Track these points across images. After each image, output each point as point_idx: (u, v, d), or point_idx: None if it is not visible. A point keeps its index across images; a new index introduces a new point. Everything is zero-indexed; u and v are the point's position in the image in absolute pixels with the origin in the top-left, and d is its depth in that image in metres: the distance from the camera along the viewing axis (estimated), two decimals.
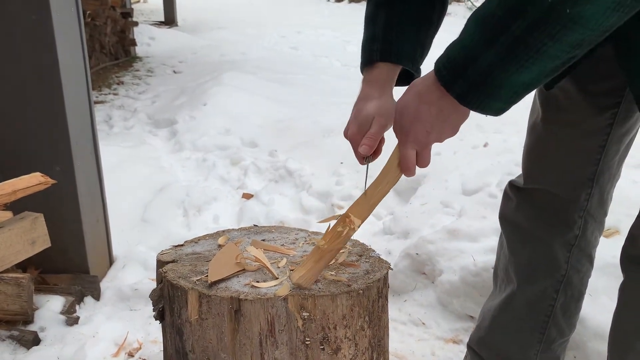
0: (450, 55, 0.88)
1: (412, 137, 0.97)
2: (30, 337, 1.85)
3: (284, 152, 3.62)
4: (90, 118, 2.20)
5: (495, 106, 0.87)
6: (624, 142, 1.28)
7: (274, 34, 9.55)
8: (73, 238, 2.17)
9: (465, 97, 0.88)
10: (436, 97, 0.91)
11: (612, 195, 1.37)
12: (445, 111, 0.92)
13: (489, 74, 0.83)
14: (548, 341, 1.41)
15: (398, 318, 2.08)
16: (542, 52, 0.79)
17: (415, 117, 0.95)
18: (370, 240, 2.62)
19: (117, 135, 4.25)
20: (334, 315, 1.10)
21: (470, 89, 0.86)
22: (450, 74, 0.87)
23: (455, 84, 0.87)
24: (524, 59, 0.80)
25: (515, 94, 0.85)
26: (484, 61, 0.83)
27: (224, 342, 1.11)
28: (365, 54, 1.21)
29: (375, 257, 1.29)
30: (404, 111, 0.97)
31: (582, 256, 1.38)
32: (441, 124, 0.94)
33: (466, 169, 2.95)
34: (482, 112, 0.89)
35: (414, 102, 0.95)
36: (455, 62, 0.87)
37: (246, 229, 1.49)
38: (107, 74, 6.39)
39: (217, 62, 6.77)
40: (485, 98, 0.86)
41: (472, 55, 0.84)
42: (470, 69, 0.84)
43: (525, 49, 0.79)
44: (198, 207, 2.99)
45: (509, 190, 1.44)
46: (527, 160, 1.38)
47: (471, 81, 0.85)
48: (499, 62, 0.82)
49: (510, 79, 0.83)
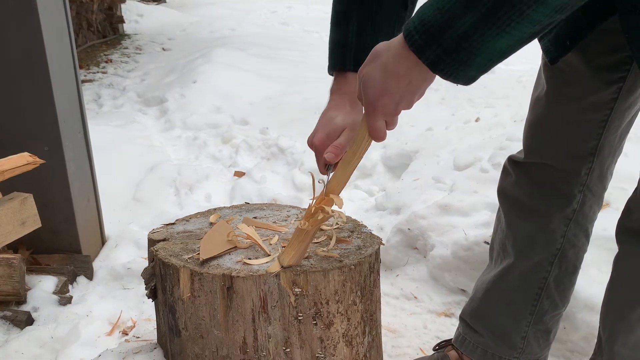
0: (424, 18, 0.81)
1: (381, 110, 0.92)
2: (23, 317, 1.85)
3: (275, 130, 3.60)
4: (78, 97, 2.18)
5: (468, 74, 0.83)
6: (626, 118, 1.27)
7: (264, 10, 9.42)
8: (64, 218, 2.16)
9: (438, 64, 0.82)
10: (406, 68, 0.86)
11: (613, 171, 1.37)
12: (414, 82, 0.87)
13: (466, 38, 0.78)
14: (540, 313, 1.43)
15: (390, 292, 2.09)
16: (525, 15, 0.75)
17: (382, 91, 0.90)
18: (363, 216, 2.63)
19: (107, 114, 4.21)
20: (326, 290, 1.10)
21: (445, 56, 0.80)
22: (424, 39, 0.81)
23: (428, 50, 0.81)
24: (506, 22, 0.76)
25: (490, 61, 0.81)
26: (462, 25, 0.77)
27: (217, 319, 1.11)
28: (337, 60, 1.17)
29: (367, 233, 1.30)
30: (368, 83, 0.91)
31: (579, 230, 1.39)
32: (411, 95, 0.90)
33: (458, 144, 2.95)
34: (454, 80, 0.84)
35: (380, 74, 0.89)
36: (429, 25, 0.80)
37: (238, 207, 1.48)
38: (95, 52, 6.30)
39: (207, 38, 6.68)
40: (459, 65, 0.81)
41: (448, 18, 0.78)
42: (446, 34, 0.79)
43: (507, 12, 0.75)
44: (190, 186, 2.98)
45: (508, 165, 1.44)
46: (530, 134, 1.37)
47: (446, 47, 0.80)
48: (479, 26, 0.77)
49: (487, 44, 0.78)
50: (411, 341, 1.83)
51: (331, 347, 1.14)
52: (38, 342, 1.77)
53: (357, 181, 3.09)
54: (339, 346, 1.15)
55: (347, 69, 1.15)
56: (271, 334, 1.11)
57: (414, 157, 3.04)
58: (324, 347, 1.13)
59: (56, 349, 1.75)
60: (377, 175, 3.14)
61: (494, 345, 1.47)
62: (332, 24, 1.19)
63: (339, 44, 1.17)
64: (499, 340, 1.46)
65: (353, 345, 1.18)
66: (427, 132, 3.25)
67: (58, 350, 1.75)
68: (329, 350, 1.14)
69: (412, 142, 3.16)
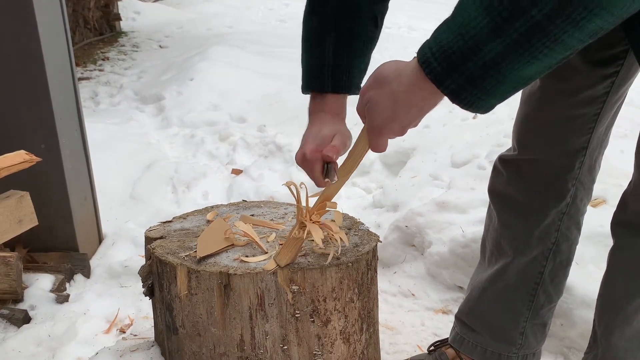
0: (444, 43, 0.74)
1: (387, 132, 0.89)
2: (20, 315, 1.85)
3: (273, 127, 3.59)
4: (74, 94, 2.17)
5: (489, 103, 0.77)
6: (615, 110, 1.29)
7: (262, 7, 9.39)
8: (61, 216, 2.16)
9: (459, 94, 0.75)
10: (419, 98, 0.81)
11: (600, 163, 1.38)
12: (426, 108, 0.83)
13: (493, 67, 0.72)
14: (536, 308, 1.43)
15: (388, 290, 2.09)
16: (559, 41, 0.69)
17: (391, 119, 0.85)
18: (360, 213, 2.63)
19: (104, 112, 4.20)
20: (323, 288, 1.10)
21: (467, 85, 0.74)
22: (443, 67, 0.74)
23: (448, 79, 0.75)
24: (539, 49, 0.70)
25: (514, 89, 0.76)
26: (489, 52, 0.71)
27: (214, 316, 1.11)
28: (314, 82, 1.15)
29: (364, 230, 1.30)
30: (376, 109, 0.86)
31: (572, 224, 1.39)
32: (419, 118, 0.87)
33: (455, 141, 2.95)
34: (473, 110, 0.78)
35: (389, 102, 0.84)
36: (450, 52, 0.73)
37: (235, 205, 1.48)
38: (92, 50, 6.28)
39: (204, 36, 6.66)
40: (482, 95, 0.75)
41: (474, 45, 0.71)
42: (470, 62, 0.72)
43: (541, 38, 0.69)
44: (187, 184, 2.98)
45: (498, 165, 1.44)
46: (523, 130, 1.37)
47: (469, 75, 0.73)
48: (508, 53, 0.70)
49: (515, 73, 0.72)
50: (409, 338, 1.84)
51: (329, 344, 1.14)
52: (35, 341, 1.76)
53: (355, 179, 3.08)
54: (337, 343, 1.15)
55: (325, 91, 1.14)
56: (268, 332, 1.11)
57: (411, 155, 3.04)
58: (321, 345, 1.14)
59: (53, 347, 1.75)
60: (374, 173, 3.13)
61: (493, 343, 1.47)
62: (305, 47, 1.18)
63: (315, 66, 1.15)
64: (498, 338, 1.47)
65: (350, 342, 1.18)
66: (424, 129, 3.24)
67: (55, 348, 1.75)
68: (326, 347, 1.14)
69: (409, 139, 3.15)
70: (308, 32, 1.18)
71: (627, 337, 1.28)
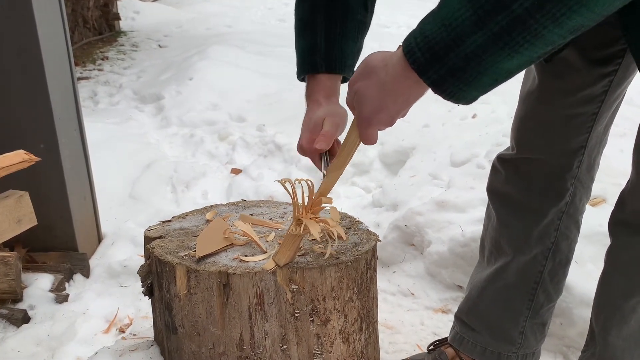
0: (428, 34, 0.75)
1: (376, 123, 0.91)
2: (19, 315, 1.85)
3: (272, 127, 3.59)
4: (73, 94, 2.17)
5: (471, 94, 0.78)
6: (613, 109, 1.29)
7: (261, 6, 9.38)
8: (60, 216, 2.16)
9: (441, 84, 0.77)
10: (405, 87, 0.82)
11: (599, 162, 1.38)
12: (412, 98, 0.85)
13: (475, 58, 0.73)
14: (536, 307, 1.43)
15: (387, 289, 2.10)
16: (539, 35, 0.70)
17: (379, 109, 0.87)
18: (360, 213, 2.63)
19: (103, 112, 4.20)
20: (322, 287, 1.10)
21: (449, 76, 0.76)
22: (427, 57, 0.76)
23: (431, 69, 0.77)
24: (519, 43, 0.71)
25: (495, 81, 0.77)
26: (471, 44, 0.72)
27: (213, 316, 1.11)
28: (308, 65, 1.18)
29: (363, 230, 1.29)
30: (364, 99, 0.88)
31: (571, 223, 1.39)
32: (407, 108, 0.88)
33: (454, 140, 2.95)
34: (455, 101, 0.79)
35: (376, 92, 0.86)
36: (433, 42, 0.75)
37: (234, 204, 1.48)
38: (91, 50, 6.28)
39: (203, 35, 6.65)
40: (463, 86, 0.76)
41: (456, 36, 0.73)
42: (452, 53, 0.74)
43: (522, 32, 0.70)
44: (186, 183, 2.98)
45: (497, 164, 1.44)
46: (521, 129, 1.37)
47: (451, 66, 0.75)
48: (489, 46, 0.72)
49: (496, 65, 0.74)
50: (408, 337, 1.84)
51: (328, 343, 1.14)
52: (34, 340, 1.76)
53: (354, 178, 3.09)
54: (336, 343, 1.15)
55: (319, 72, 1.17)
56: (268, 331, 1.11)
57: (410, 154, 3.04)
58: (320, 344, 1.14)
59: (52, 347, 1.75)
60: (374, 172, 3.14)
61: (492, 342, 1.47)
62: (298, 32, 1.20)
63: (307, 50, 1.17)
64: (497, 337, 1.47)
65: (350, 341, 1.18)
66: (423, 128, 3.25)
67: (54, 348, 1.75)
68: (325, 347, 1.14)
69: (408, 138, 3.15)
70: (300, 18, 1.20)
71: (624, 336, 1.28)
